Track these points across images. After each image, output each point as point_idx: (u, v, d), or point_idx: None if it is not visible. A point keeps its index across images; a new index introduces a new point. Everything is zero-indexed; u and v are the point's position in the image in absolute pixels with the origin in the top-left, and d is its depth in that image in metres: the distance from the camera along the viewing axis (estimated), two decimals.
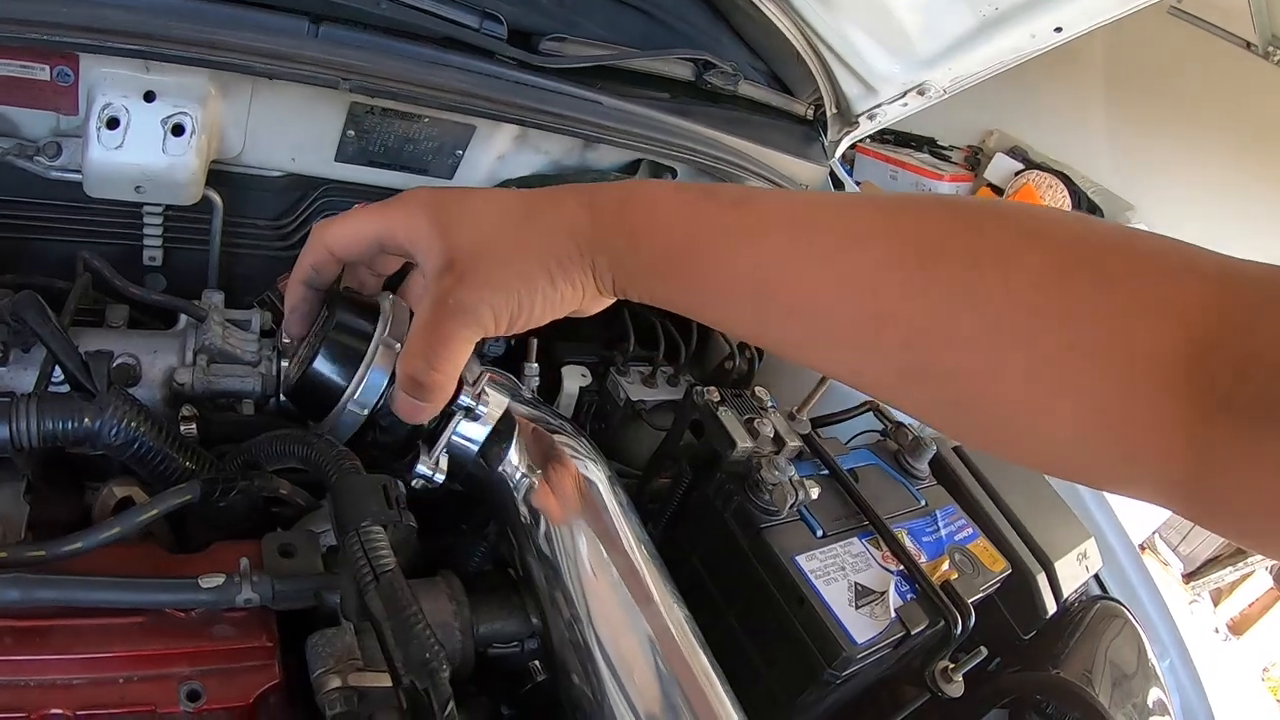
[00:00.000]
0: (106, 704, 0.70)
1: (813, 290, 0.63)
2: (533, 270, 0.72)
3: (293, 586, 0.78)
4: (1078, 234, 0.57)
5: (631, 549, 0.93)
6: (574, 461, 0.97)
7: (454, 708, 0.65)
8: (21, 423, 0.79)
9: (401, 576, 0.71)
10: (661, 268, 0.71)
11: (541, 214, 0.74)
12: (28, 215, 1.24)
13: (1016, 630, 1.41)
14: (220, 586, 0.75)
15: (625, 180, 1.36)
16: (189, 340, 1.09)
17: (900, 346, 0.60)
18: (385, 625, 0.68)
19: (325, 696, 0.75)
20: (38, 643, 0.71)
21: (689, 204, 0.71)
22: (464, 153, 1.37)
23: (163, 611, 0.76)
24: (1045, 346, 0.54)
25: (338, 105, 1.25)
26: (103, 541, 0.75)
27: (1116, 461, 0.55)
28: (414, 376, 0.74)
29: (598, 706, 0.84)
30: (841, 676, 1.01)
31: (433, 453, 0.85)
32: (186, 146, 1.16)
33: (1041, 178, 5.58)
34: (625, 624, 0.87)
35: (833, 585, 1.04)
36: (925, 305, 0.58)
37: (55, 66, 1.09)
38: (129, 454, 0.83)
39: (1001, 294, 0.56)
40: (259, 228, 1.39)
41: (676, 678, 0.84)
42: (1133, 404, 0.52)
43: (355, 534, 0.73)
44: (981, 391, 0.58)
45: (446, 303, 0.72)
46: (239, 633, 0.77)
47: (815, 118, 1.83)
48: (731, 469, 1.12)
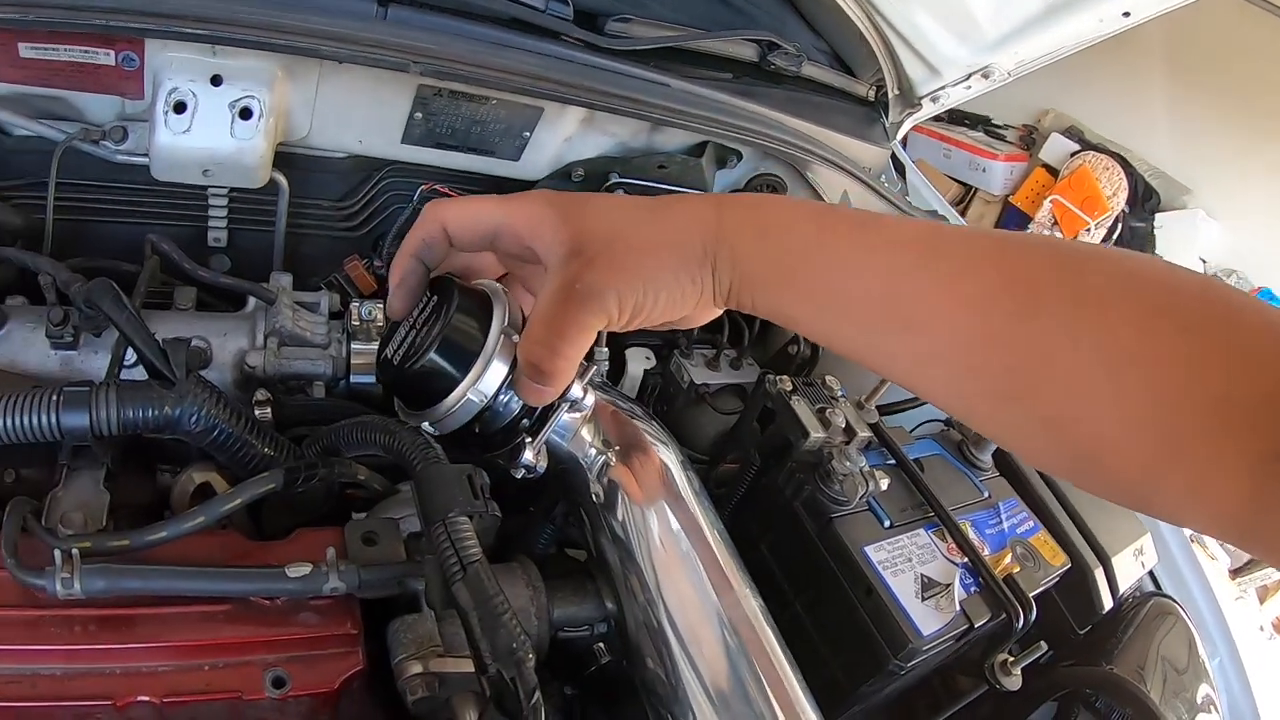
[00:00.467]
0: (192, 691, 0.71)
1: (934, 309, 0.66)
2: (661, 260, 0.73)
3: (378, 575, 0.78)
4: (1165, 282, 0.61)
5: (707, 533, 0.92)
6: (650, 443, 0.97)
7: (540, 697, 0.65)
8: (102, 411, 0.79)
9: (488, 567, 0.71)
10: (786, 269, 0.71)
11: (669, 209, 0.75)
12: (93, 199, 1.26)
13: (1072, 624, 1.40)
14: (307, 575, 0.75)
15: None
16: (259, 323, 1.09)
17: (1004, 370, 0.63)
18: (472, 615, 0.68)
19: (406, 682, 0.75)
20: (123, 631, 0.72)
21: (820, 213, 0.74)
22: (531, 135, 1.35)
23: (248, 599, 0.76)
24: (1131, 384, 0.58)
25: (405, 88, 1.24)
26: (186, 531, 0.76)
27: (1181, 496, 0.59)
28: (537, 364, 0.74)
29: (672, 689, 0.84)
30: (906, 668, 1.01)
31: (537, 442, 0.84)
32: (254, 130, 1.17)
33: (1098, 159, 5.45)
34: (700, 608, 0.87)
35: (900, 577, 1.04)
36: (1031, 333, 0.62)
37: (120, 51, 1.10)
38: (208, 441, 0.84)
39: (1098, 332, 0.60)
40: (323, 209, 1.40)
41: (751, 663, 0.84)
42: (1202, 444, 0.56)
43: (442, 525, 0.73)
44: (1069, 421, 0.62)
45: (574, 288, 0.71)
46: (323, 620, 0.78)
47: (877, 99, 1.80)
48: (803, 458, 1.11)
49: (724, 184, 1.56)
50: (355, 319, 1.11)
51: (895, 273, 0.68)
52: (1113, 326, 0.60)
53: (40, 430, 0.77)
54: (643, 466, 0.94)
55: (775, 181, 1.57)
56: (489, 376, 0.78)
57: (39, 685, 0.68)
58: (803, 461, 1.11)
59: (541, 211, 0.75)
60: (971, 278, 0.65)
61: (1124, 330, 0.59)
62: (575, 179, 1.41)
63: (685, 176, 1.44)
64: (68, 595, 0.69)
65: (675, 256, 0.72)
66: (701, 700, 0.82)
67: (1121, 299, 0.60)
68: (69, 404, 0.78)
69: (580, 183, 1.41)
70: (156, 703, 0.69)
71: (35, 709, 0.68)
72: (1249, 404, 0.54)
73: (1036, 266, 0.64)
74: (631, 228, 0.74)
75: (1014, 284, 0.64)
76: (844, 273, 0.69)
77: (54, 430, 0.78)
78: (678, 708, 0.83)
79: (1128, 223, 5.42)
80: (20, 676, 0.68)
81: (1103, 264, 0.64)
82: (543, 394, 0.77)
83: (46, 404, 0.77)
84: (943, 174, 5.89)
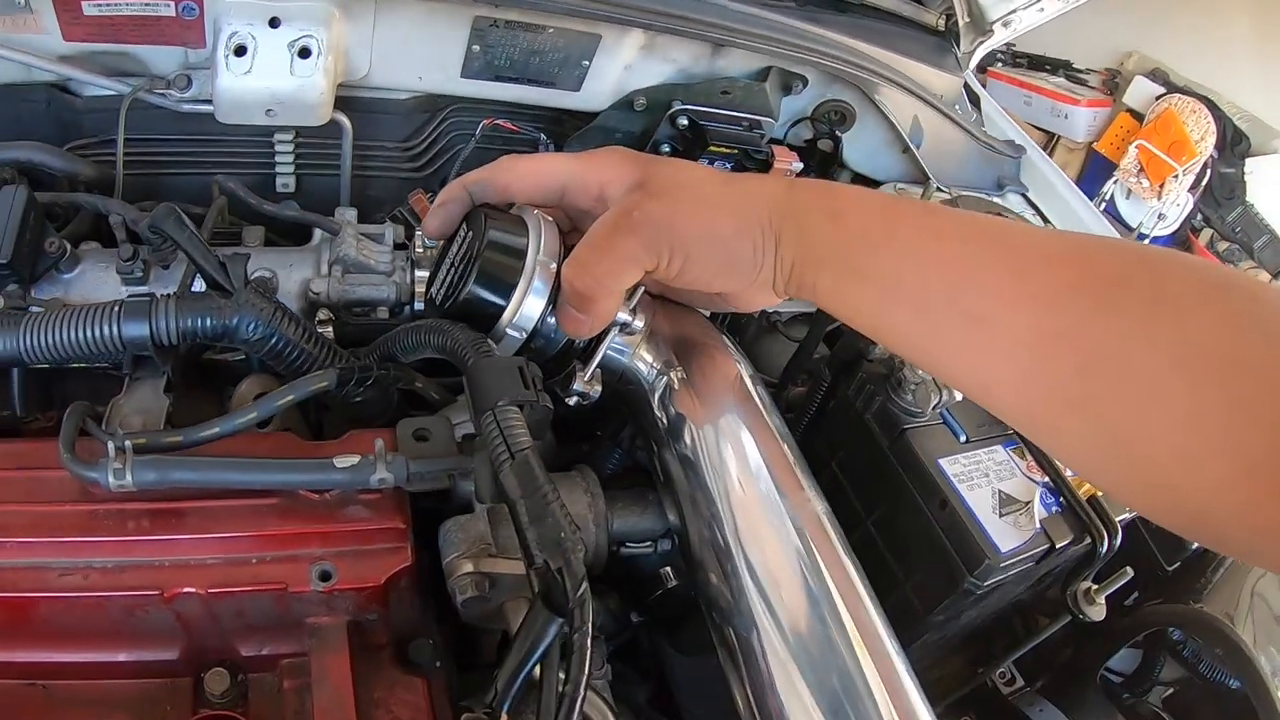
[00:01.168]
0: (238, 583, 0.72)
1: (1002, 302, 0.64)
2: (723, 218, 0.74)
3: (427, 467, 0.78)
4: (1253, 292, 0.58)
5: (778, 444, 0.90)
6: (717, 354, 0.95)
7: (588, 589, 0.63)
8: (161, 320, 0.81)
9: (537, 456, 0.70)
10: (852, 254, 0.71)
11: (743, 178, 0.78)
12: (163, 150, 1.29)
13: (1160, 559, 1.37)
14: (355, 467, 0.76)
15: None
16: (324, 253, 1.11)
17: (1074, 371, 0.61)
18: (519, 504, 0.67)
19: (456, 581, 0.75)
20: (173, 524, 0.74)
21: (891, 202, 0.76)
22: (590, 63, 1.34)
23: (296, 493, 0.77)
24: (1209, 395, 0.55)
25: (462, 20, 1.24)
26: (240, 426, 0.77)
27: (1257, 530, 0.55)
28: (580, 290, 0.75)
29: (734, 606, 0.82)
30: (983, 586, 0.97)
31: (588, 369, 0.84)
32: (314, 68, 1.18)
33: (1184, 102, 5.23)
34: (769, 524, 0.84)
35: (976, 491, 1.00)
36: (1104, 333, 0.60)
37: (180, 2, 1.13)
38: (265, 349, 0.85)
39: (1178, 337, 0.57)
40: (388, 150, 1.41)
41: (821, 578, 0.81)
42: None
43: (492, 414, 0.72)
44: (1139, 431, 0.59)
45: (630, 214, 0.73)
46: (372, 514, 0.78)
47: (948, 28, 1.74)
48: (873, 369, 1.09)
49: (791, 110, 1.53)
50: (419, 247, 1.11)
51: (964, 263, 0.67)
52: (1192, 330, 0.57)
53: (103, 341, 0.79)
54: (710, 380, 0.92)
55: (844, 108, 1.52)
56: (526, 309, 0.80)
57: (91, 577, 0.71)
58: (873, 373, 1.08)
59: (616, 158, 0.78)
60: (1044, 273, 0.64)
61: (1205, 336, 0.57)
62: (638, 108, 1.39)
63: (750, 101, 1.40)
64: (119, 487, 0.71)
65: (738, 219, 0.73)
66: (765, 617, 0.80)
67: (1203, 303, 0.58)
68: (130, 314, 0.80)
69: (643, 111, 1.39)
70: (203, 594, 0.71)
71: (87, 599, 0.70)
72: None
73: (1114, 265, 0.63)
74: (702, 183, 0.76)
75: (1090, 281, 0.62)
76: (911, 261, 0.69)
77: (116, 340, 0.80)
78: (740, 621, 0.81)
79: (1216, 168, 5.18)
80: (74, 569, 0.71)
81: (1185, 268, 0.61)
82: (581, 324, 0.78)
83: (109, 315, 0.80)
84: (1024, 122, 5.76)
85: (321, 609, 0.75)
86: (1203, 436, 0.56)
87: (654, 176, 0.75)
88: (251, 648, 0.76)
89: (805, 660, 0.76)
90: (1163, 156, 5.25)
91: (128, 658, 0.75)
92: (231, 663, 0.76)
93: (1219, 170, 5.26)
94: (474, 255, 0.80)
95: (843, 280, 0.72)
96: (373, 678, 0.76)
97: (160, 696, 0.75)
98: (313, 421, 0.95)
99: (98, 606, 0.71)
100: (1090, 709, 1.28)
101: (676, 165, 0.78)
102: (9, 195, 0.92)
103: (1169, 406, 0.57)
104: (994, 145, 1.73)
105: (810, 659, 0.76)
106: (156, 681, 0.76)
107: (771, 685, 0.77)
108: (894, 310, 0.70)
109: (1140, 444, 0.59)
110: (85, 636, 0.73)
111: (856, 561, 0.85)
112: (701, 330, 0.97)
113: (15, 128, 1.20)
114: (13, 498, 0.74)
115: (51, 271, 0.97)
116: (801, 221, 0.72)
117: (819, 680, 0.75)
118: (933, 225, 0.70)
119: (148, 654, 0.75)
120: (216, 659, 0.76)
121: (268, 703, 0.76)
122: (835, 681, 0.75)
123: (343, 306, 1.07)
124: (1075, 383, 0.61)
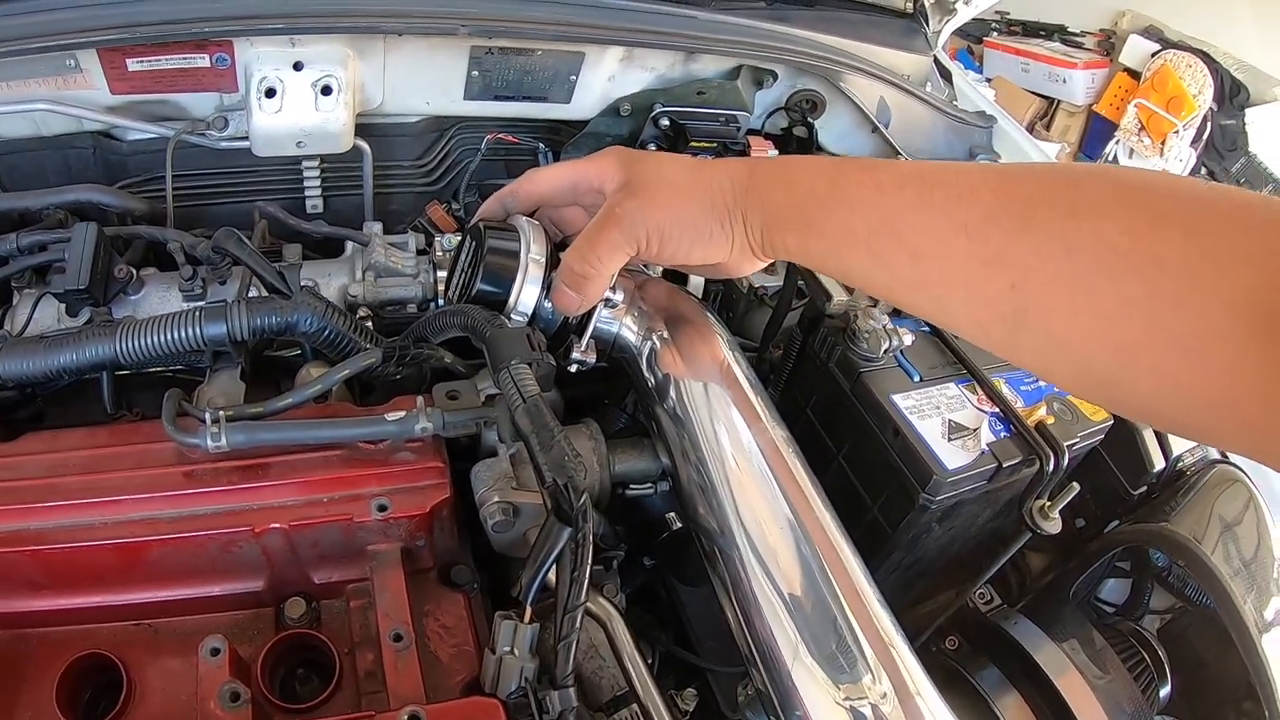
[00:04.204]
0: (314, 518, 0.90)
1: (933, 236, 0.72)
2: (691, 203, 0.89)
3: (459, 418, 0.96)
4: (1171, 190, 0.61)
5: (744, 387, 1.06)
6: (691, 315, 1.12)
7: (588, 499, 0.80)
8: (235, 320, 0.99)
9: (545, 401, 0.88)
10: (806, 213, 0.83)
11: (710, 165, 0.91)
12: (204, 184, 1.46)
13: (1125, 484, 1.45)
14: (402, 419, 0.94)
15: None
16: (357, 262, 1.28)
17: (1008, 289, 0.67)
18: (531, 437, 0.85)
19: (487, 510, 0.93)
20: (258, 475, 0.92)
21: (836, 164, 0.85)
22: (577, 78, 1.50)
23: (356, 445, 0.95)
24: (1133, 289, 0.59)
25: (460, 50, 1.40)
26: (308, 397, 0.95)
27: (1200, 407, 0.58)
28: (579, 273, 0.92)
29: (718, 531, 0.98)
30: (935, 501, 1.10)
31: (583, 340, 1.04)
32: (335, 103, 1.35)
33: (1179, 57, 5.24)
34: (740, 455, 1.00)
35: (926, 421, 1.14)
36: (1026, 249, 0.65)
37: (213, 54, 1.29)
38: (321, 339, 1.03)
39: (1094, 240, 0.61)
40: (404, 168, 1.58)
41: (789, 499, 0.97)
42: (1214, 348, 0.55)
43: (507, 370, 0.90)
44: (1075, 332, 0.63)
45: (614, 211, 0.90)
46: (417, 458, 0.97)
47: (916, 9, 1.87)
48: (832, 324, 1.23)
49: (765, 102, 1.67)
50: (439, 251, 1.28)
51: (900, 207, 0.76)
52: (1109, 233, 0.60)
53: (188, 340, 0.97)
54: (686, 336, 1.09)
55: (814, 97, 1.66)
56: (525, 297, 0.99)
57: (195, 522, 0.89)
58: (832, 326, 1.23)
59: (610, 160, 0.94)
60: (969, 204, 0.70)
61: (1119, 236, 0.60)
62: (624, 113, 1.55)
63: (725, 99, 1.56)
64: (217, 448, 0.89)
65: (704, 201, 0.88)
66: (741, 536, 0.96)
67: (1119, 207, 0.61)
68: (210, 317, 0.98)
69: (628, 116, 1.55)
70: (286, 528, 0.88)
71: (191, 540, 0.88)
72: (1265, 305, 0.53)
73: (1032, 188, 0.67)
74: (674, 175, 0.91)
75: (1009, 205, 0.67)
76: (855, 211, 0.79)
77: (199, 339, 0.97)
78: (724, 542, 0.97)
79: (1216, 121, 5.20)
80: (180, 518, 0.89)
81: (1100, 179, 0.66)
82: (572, 300, 0.95)
83: (192, 318, 0.98)
84: (1022, 89, 5.79)
85: (379, 536, 0.93)
86: (1134, 327, 0.59)
87: (635, 175, 0.91)
88: (323, 575, 0.94)
89: (775, 564, 0.93)
90: (1162, 113, 5.27)
91: (221, 590, 0.92)
92: (306, 592, 0.95)
93: (1219, 123, 5.26)
94: (478, 260, 1.00)
95: (805, 237, 0.84)
96: (422, 594, 0.94)
97: (248, 625, 0.94)
98: (357, 401, 1.11)
99: (199, 546, 0.88)
100: (1064, 623, 1.34)
101: (656, 161, 0.93)
102: (82, 231, 1.09)
103: (1097, 306, 0.61)
104: (963, 117, 1.85)
105: (778, 563, 0.93)
106: (244, 613, 0.95)
107: (750, 590, 0.93)
108: (851, 257, 0.81)
109: (1079, 344, 0.63)
110: (186, 574, 0.91)
111: (818, 484, 1.00)
112: (679, 300, 1.14)
113: (65, 173, 1.37)
114: (124, 466, 0.92)
115: (120, 294, 1.14)
116: (763, 195, 0.86)
117: (786, 578, 0.92)
118: (873, 179, 0.78)
119: (238, 585, 0.93)
120: (294, 589, 0.94)
121: (337, 622, 0.94)
122: (795, 579, 0.91)
123: (377, 306, 1.24)
124: (1011, 298, 0.66)
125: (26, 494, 0.88)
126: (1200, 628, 1.47)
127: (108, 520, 0.88)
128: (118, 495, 0.89)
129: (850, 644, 0.87)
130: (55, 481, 0.90)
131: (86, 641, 0.86)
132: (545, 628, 0.85)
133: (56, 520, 0.87)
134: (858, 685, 0.85)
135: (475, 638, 0.92)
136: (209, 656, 0.80)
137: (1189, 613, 1.50)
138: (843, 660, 0.86)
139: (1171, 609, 1.52)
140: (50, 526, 0.87)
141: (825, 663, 0.86)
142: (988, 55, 5.95)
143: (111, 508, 0.88)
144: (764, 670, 0.90)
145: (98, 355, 0.97)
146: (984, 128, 1.90)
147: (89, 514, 0.88)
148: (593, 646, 0.97)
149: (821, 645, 0.87)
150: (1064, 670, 1.26)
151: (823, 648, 0.87)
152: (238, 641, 0.85)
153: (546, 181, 1.01)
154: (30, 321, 1.10)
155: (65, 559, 0.87)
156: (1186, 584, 1.48)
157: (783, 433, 1.03)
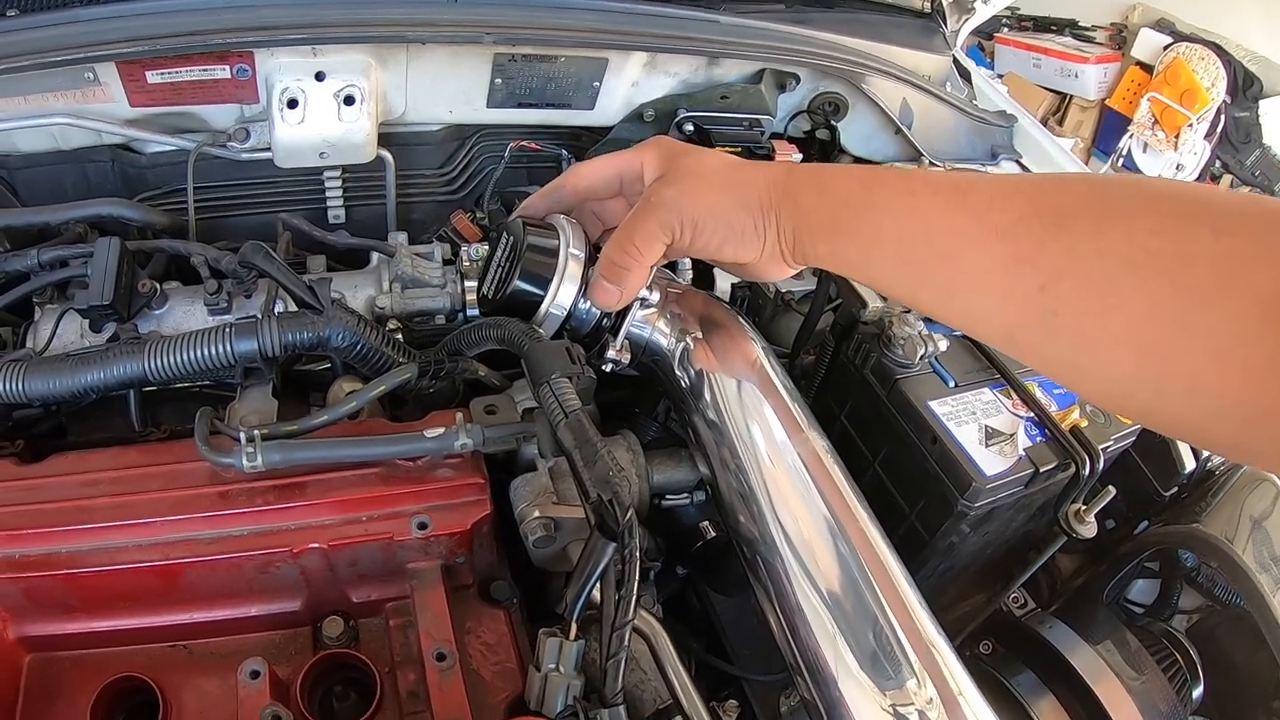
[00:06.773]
0: (353, 537, 0.89)
1: (963, 238, 0.72)
2: (725, 198, 0.88)
3: (498, 433, 0.95)
4: (1200, 196, 0.61)
5: (780, 391, 1.04)
6: (724, 323, 1.10)
7: (634, 515, 0.79)
8: (266, 336, 0.97)
9: (586, 415, 0.86)
10: (839, 219, 0.83)
11: (749, 165, 0.91)
12: (226, 195, 1.45)
13: (1155, 486, 1.44)
14: (441, 436, 0.93)
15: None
16: (384, 273, 1.26)
17: (1037, 291, 0.66)
18: (575, 453, 0.83)
19: (528, 525, 0.91)
20: (296, 495, 0.91)
21: (870, 171, 0.86)
22: (600, 84, 1.49)
23: (394, 462, 0.94)
24: (1161, 290, 0.58)
25: (483, 58, 1.39)
26: (342, 414, 0.93)
27: (1230, 415, 0.57)
28: (619, 263, 0.91)
29: (761, 539, 0.96)
30: (974, 508, 1.09)
31: (618, 339, 1.01)
32: (358, 113, 1.34)
33: (1192, 50, 5.17)
34: (782, 465, 0.99)
35: (964, 427, 1.13)
36: (1057, 250, 0.65)
37: (234, 65, 1.27)
38: (353, 354, 1.01)
39: (1125, 242, 0.60)
40: (426, 177, 1.56)
41: (829, 505, 0.95)
42: (1244, 351, 0.54)
43: (547, 384, 0.89)
44: (1104, 334, 0.62)
45: (650, 200, 0.89)
46: (456, 474, 0.95)
47: (934, 9, 1.86)
48: (867, 330, 1.22)
49: (788, 105, 1.66)
50: (465, 261, 1.27)
51: (931, 211, 0.75)
52: (1139, 235, 0.60)
53: (218, 356, 0.96)
54: (718, 339, 1.08)
55: (837, 99, 1.65)
56: (563, 292, 0.96)
57: (232, 543, 0.87)
58: (867, 333, 1.22)
59: (652, 151, 0.94)
60: (1001, 209, 0.70)
61: (1149, 237, 0.59)
62: (647, 119, 1.54)
63: (747, 103, 1.55)
64: (253, 468, 0.87)
65: (739, 197, 0.87)
66: (784, 544, 0.94)
67: (1147, 210, 0.61)
68: (240, 333, 0.97)
69: (652, 121, 1.54)
70: (325, 548, 0.87)
71: (228, 561, 0.87)
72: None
73: (1064, 193, 0.67)
74: (713, 169, 0.90)
75: (1042, 210, 0.67)
76: (888, 216, 0.79)
77: (229, 355, 0.96)
78: (766, 550, 0.95)
79: (1230, 113, 5.13)
80: (217, 539, 0.87)
81: (1131, 185, 0.66)
82: (611, 294, 0.94)
83: (223, 335, 0.96)
84: (1034, 85, 5.76)
85: (420, 554, 0.91)
86: (1160, 328, 0.58)
87: (673, 167, 0.91)
88: (361, 594, 0.93)
89: (818, 571, 0.91)
90: (1175, 106, 5.22)
91: (259, 611, 0.91)
92: (344, 611, 0.93)
93: (1233, 115, 5.19)
94: (517, 255, 0.97)
95: (835, 242, 0.84)
96: (463, 611, 0.93)
97: (284, 645, 0.92)
98: (387, 414, 1.09)
99: (236, 567, 0.87)
100: (1098, 625, 1.33)
101: (697, 154, 0.93)
102: (105, 245, 1.08)
103: (1126, 308, 0.60)
104: (984, 117, 1.84)
105: (821, 570, 0.91)
106: (280, 633, 0.93)
107: (795, 599, 0.91)
108: (880, 261, 0.81)
109: (1108, 348, 0.63)
110: (222, 596, 0.90)
111: (858, 489, 0.98)
112: (712, 306, 1.12)
113: (84, 186, 1.37)
114: (155, 486, 0.90)
115: (145, 309, 1.13)
116: (797, 199, 0.85)
117: (829, 586, 0.90)
118: (906, 184, 0.78)
119: (275, 606, 0.91)
120: (332, 608, 0.93)
121: (376, 640, 0.92)
122: (839, 586, 0.90)
123: (406, 318, 1.22)
124: (1039, 300, 0.66)
125: (57, 516, 0.87)
126: (1229, 627, 1.46)
127: (141, 542, 0.86)
128: (150, 516, 0.88)
129: (895, 650, 0.85)
130: (86, 503, 0.89)
131: (121, 664, 0.85)
132: (588, 642, 0.84)
133: (89, 543, 0.86)
134: (903, 691, 0.83)
135: (518, 654, 0.91)
136: (249, 679, 0.78)
137: (1216, 612, 1.49)
138: (888, 667, 0.85)
139: (1199, 609, 1.51)
140: (83, 549, 0.86)
141: (871, 670, 0.85)
142: (999, 51, 5.90)
143: (145, 529, 0.87)
144: (809, 679, 0.89)
145: (126, 373, 0.96)
146: (1005, 127, 1.88)
147: (122, 536, 0.87)
148: (633, 659, 0.96)
149: (866, 652, 0.86)
150: (1100, 673, 1.26)
151: (868, 655, 0.86)
152: (275, 661, 0.83)
153: (591, 174, 1.00)
154: (53, 337, 1.09)
155: (98, 582, 0.85)
156: (1216, 584, 1.48)
157: (822, 441, 1.01)
